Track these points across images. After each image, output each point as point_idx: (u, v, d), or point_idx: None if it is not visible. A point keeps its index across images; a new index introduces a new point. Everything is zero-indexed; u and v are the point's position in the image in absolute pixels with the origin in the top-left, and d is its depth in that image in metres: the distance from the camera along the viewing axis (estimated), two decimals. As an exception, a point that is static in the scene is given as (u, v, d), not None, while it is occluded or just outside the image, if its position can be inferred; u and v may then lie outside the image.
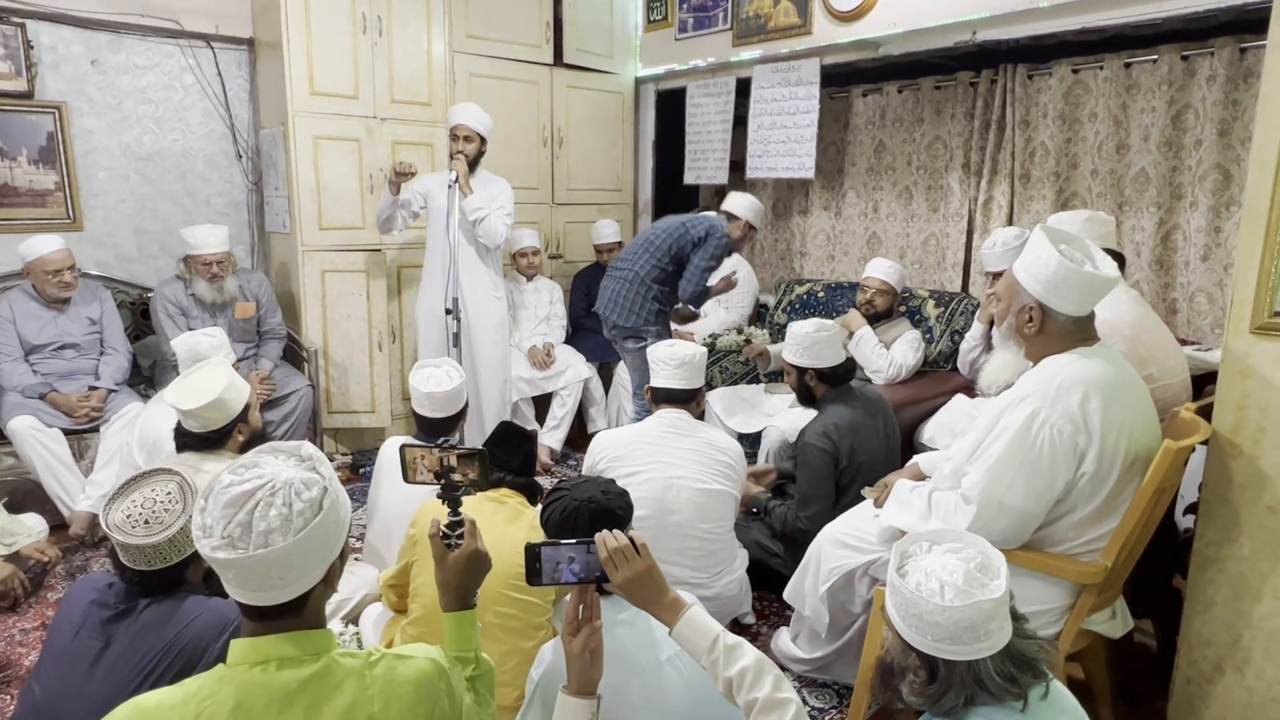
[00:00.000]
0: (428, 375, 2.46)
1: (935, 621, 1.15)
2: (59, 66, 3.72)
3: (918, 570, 1.21)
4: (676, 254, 3.45)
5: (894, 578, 1.21)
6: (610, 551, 1.29)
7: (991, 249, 3.18)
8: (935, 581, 1.17)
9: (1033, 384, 1.79)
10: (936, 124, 4.03)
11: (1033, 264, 1.79)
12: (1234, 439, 1.87)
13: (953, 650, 1.16)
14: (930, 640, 1.17)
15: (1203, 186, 3.14)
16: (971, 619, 1.14)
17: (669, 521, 2.35)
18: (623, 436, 2.52)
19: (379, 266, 4.06)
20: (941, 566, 1.19)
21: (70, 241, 3.48)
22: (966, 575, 1.17)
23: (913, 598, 1.17)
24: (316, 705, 1.04)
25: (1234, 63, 3.02)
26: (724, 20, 4.36)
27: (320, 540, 1.04)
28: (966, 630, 1.15)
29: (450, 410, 2.46)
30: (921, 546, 1.26)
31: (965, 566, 1.18)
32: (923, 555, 1.24)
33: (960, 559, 1.20)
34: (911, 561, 1.23)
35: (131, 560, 1.48)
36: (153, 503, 1.51)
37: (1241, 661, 1.90)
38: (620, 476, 2.38)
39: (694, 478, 2.39)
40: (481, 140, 3.55)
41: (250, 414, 2.31)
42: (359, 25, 3.82)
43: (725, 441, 2.51)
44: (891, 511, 2.03)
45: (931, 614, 1.15)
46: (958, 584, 1.16)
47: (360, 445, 4.24)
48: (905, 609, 1.19)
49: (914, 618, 1.18)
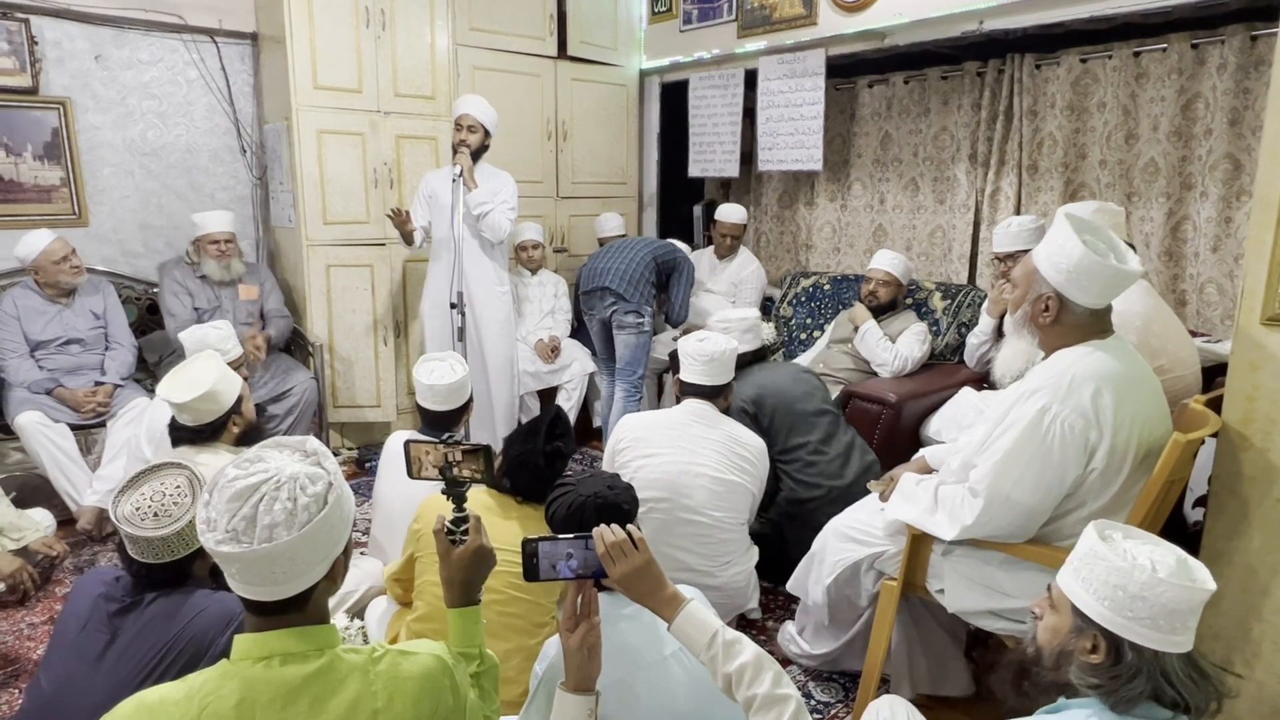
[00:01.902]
0: (431, 368, 2.46)
1: (1142, 597, 1.09)
2: (63, 62, 3.72)
3: (1121, 548, 1.14)
4: (663, 260, 3.89)
5: (1099, 547, 1.14)
6: (608, 546, 1.28)
7: (1006, 229, 3.14)
8: (1146, 559, 1.11)
9: (1044, 377, 1.76)
10: (943, 115, 4.00)
11: (1055, 253, 1.74)
12: (1244, 431, 1.85)
13: (1147, 635, 1.10)
14: (1126, 619, 1.11)
15: (1213, 176, 3.11)
16: (1180, 604, 1.08)
17: (681, 505, 2.36)
18: (647, 419, 2.55)
19: (384, 261, 4.05)
20: (1148, 553, 1.13)
21: (75, 237, 3.49)
22: (1179, 562, 1.12)
23: (1123, 568, 1.10)
24: (320, 700, 1.04)
25: (1245, 51, 2.98)
26: (728, 11, 4.33)
27: (324, 535, 1.04)
28: (1169, 616, 1.09)
29: (453, 403, 2.46)
30: (1116, 534, 1.19)
31: (1175, 556, 1.13)
32: (1120, 540, 1.17)
33: (1164, 551, 1.14)
34: (1111, 542, 1.16)
35: (140, 553, 1.48)
36: (162, 495, 1.52)
37: (1251, 655, 1.88)
38: (638, 457, 2.43)
39: (712, 466, 2.40)
40: (485, 133, 3.54)
41: (244, 405, 2.32)
42: (362, 19, 3.81)
43: (749, 438, 2.51)
44: (897, 505, 2.02)
45: (1141, 589, 1.09)
46: (1170, 564, 1.10)
47: (366, 440, 4.24)
48: (1107, 581, 1.12)
49: (1116, 590, 1.11)
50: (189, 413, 2.21)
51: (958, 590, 1.93)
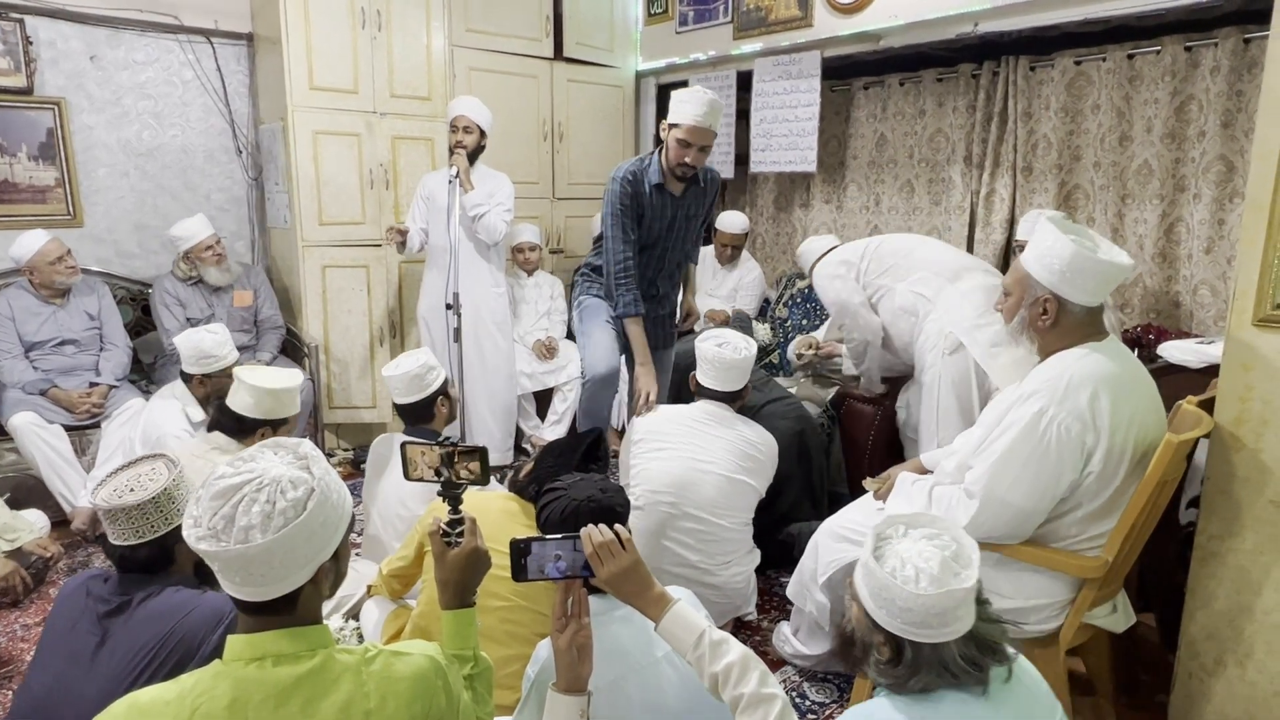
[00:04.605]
0: (397, 361, 2.53)
1: (908, 607, 1.15)
2: (58, 62, 3.71)
3: (894, 555, 1.20)
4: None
5: (869, 560, 1.21)
6: (596, 546, 1.29)
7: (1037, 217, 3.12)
8: (911, 568, 1.17)
9: (1041, 380, 1.77)
10: (938, 116, 4.01)
11: (1045, 254, 1.76)
12: (1236, 432, 1.86)
13: (920, 633, 1.16)
14: (900, 623, 1.17)
15: (1206, 178, 3.12)
16: (944, 606, 1.14)
17: (688, 500, 2.38)
18: (663, 414, 2.59)
19: (380, 262, 4.05)
20: (918, 553, 1.19)
21: (70, 238, 3.49)
22: (942, 563, 1.17)
23: (887, 582, 1.17)
24: (313, 701, 1.04)
25: (1238, 53, 2.99)
26: (724, 13, 4.34)
27: (303, 541, 1.03)
28: (937, 616, 1.15)
29: (416, 394, 2.50)
30: (898, 530, 1.25)
31: (941, 554, 1.18)
32: (899, 539, 1.23)
33: (936, 546, 1.20)
34: (888, 545, 1.23)
35: (119, 533, 1.48)
36: (137, 476, 1.54)
37: (1244, 655, 1.89)
38: (651, 450, 2.46)
39: (721, 465, 2.42)
40: (481, 133, 3.54)
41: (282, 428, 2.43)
42: (358, 19, 3.80)
43: (761, 437, 2.53)
44: (892, 505, 2.03)
45: (905, 600, 1.15)
46: (933, 572, 1.16)
47: (362, 441, 4.24)
48: (878, 592, 1.19)
49: (886, 600, 1.18)
50: (258, 397, 2.34)
51: (952, 590, 1.93)
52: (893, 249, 3.08)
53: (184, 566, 1.55)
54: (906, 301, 2.93)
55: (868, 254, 3.08)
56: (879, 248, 3.09)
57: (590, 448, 2.02)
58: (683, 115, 2.74)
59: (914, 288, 2.92)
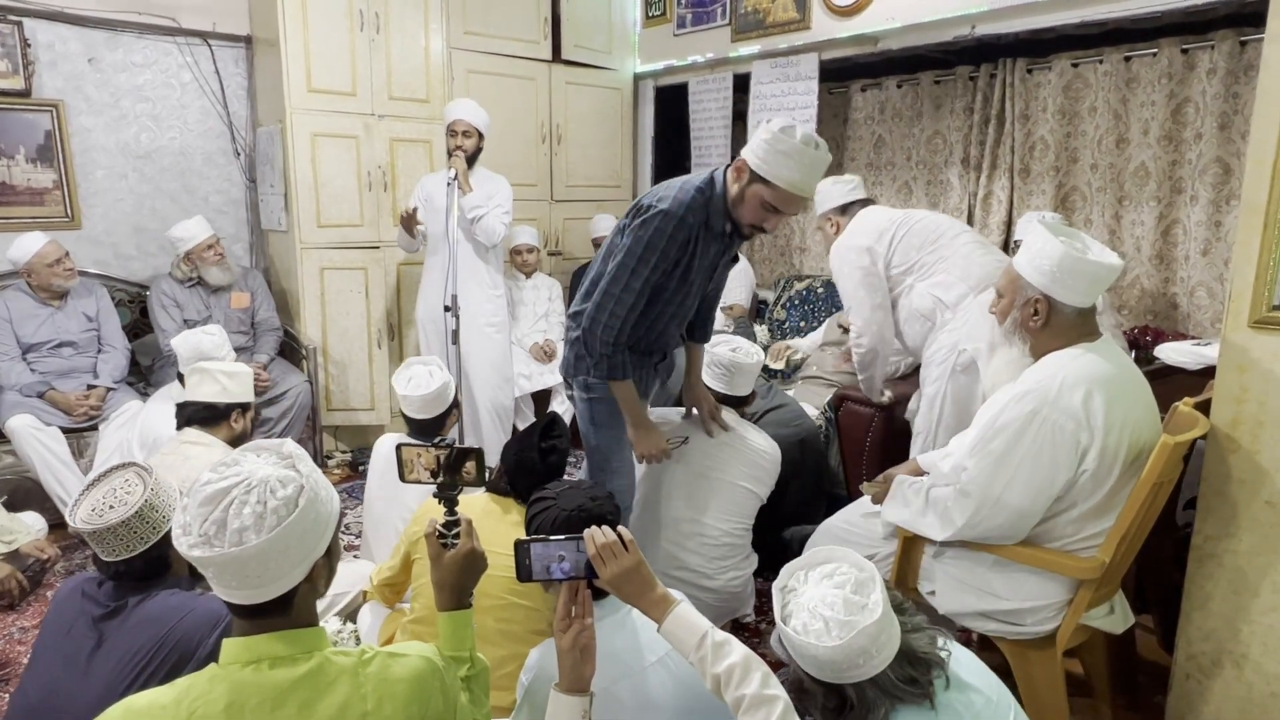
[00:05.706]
0: (410, 376, 2.50)
1: (830, 659, 1.17)
2: (56, 64, 3.71)
3: (800, 610, 1.22)
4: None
5: (780, 625, 1.23)
6: (599, 547, 1.29)
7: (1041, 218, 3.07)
8: (819, 621, 1.18)
9: (1035, 380, 1.77)
10: (936, 119, 4.02)
11: (1036, 256, 1.79)
12: (1232, 433, 1.86)
13: (853, 675, 1.18)
14: (829, 674, 1.19)
15: (1203, 180, 3.13)
16: (861, 646, 1.16)
17: (690, 504, 2.38)
18: (671, 416, 2.58)
19: (378, 264, 4.05)
20: (820, 600, 1.20)
21: (68, 240, 3.48)
22: (845, 602, 1.18)
23: (800, 643, 1.19)
24: (309, 704, 1.04)
25: (1234, 56, 3.00)
26: (722, 15, 4.34)
27: (297, 538, 1.03)
28: (860, 654, 1.16)
29: (433, 411, 2.48)
30: (799, 579, 1.27)
31: (842, 593, 1.19)
32: (801, 589, 1.25)
33: (835, 585, 1.21)
34: (793, 598, 1.25)
35: (110, 551, 1.47)
36: (112, 491, 1.52)
37: (1240, 656, 1.89)
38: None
39: (723, 470, 2.42)
40: (480, 136, 3.54)
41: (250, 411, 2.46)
42: (356, 22, 3.81)
43: (765, 444, 2.53)
44: (889, 507, 2.03)
45: (825, 654, 1.17)
46: (839, 617, 1.17)
47: (360, 443, 4.23)
48: (798, 653, 1.21)
49: (809, 659, 1.20)
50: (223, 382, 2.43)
51: (949, 592, 1.93)
52: (921, 239, 2.77)
53: (179, 569, 1.55)
54: (925, 305, 2.73)
55: (894, 237, 2.80)
56: (906, 234, 2.78)
57: (545, 428, 2.02)
58: (780, 176, 2.03)
59: (935, 291, 2.71)
